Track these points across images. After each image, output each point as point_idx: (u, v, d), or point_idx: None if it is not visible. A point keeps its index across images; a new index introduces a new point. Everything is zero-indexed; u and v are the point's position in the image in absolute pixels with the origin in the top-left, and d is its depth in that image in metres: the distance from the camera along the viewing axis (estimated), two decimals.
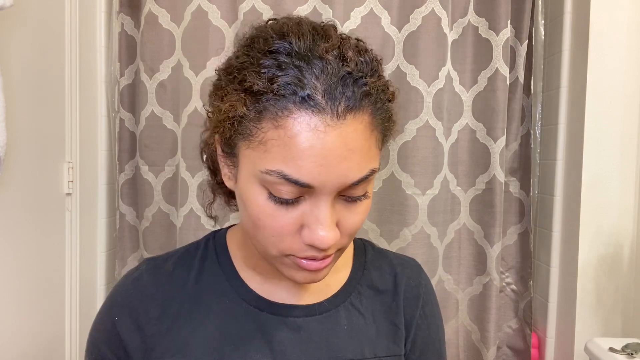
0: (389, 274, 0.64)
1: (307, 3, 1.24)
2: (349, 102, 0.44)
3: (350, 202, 0.49)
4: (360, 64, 0.47)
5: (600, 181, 1.21)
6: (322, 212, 0.46)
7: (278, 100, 0.44)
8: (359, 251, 0.65)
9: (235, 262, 0.60)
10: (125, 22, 1.36)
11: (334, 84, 0.44)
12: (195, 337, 0.55)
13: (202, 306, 0.57)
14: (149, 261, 0.62)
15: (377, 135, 0.49)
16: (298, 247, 0.48)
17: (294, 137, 0.44)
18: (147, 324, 0.56)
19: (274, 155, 0.45)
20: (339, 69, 0.45)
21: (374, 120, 0.48)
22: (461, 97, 1.32)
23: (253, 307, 0.57)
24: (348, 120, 0.45)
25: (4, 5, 0.81)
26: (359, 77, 0.46)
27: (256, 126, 0.45)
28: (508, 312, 1.41)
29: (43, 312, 1.12)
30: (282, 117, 0.44)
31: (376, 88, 0.47)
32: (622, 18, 1.19)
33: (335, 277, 0.62)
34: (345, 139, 0.44)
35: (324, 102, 0.44)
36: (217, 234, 0.64)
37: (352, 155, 0.45)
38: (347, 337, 0.58)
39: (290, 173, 0.44)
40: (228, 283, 0.58)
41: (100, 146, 1.35)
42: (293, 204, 0.47)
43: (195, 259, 0.61)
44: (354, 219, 0.50)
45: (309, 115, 0.43)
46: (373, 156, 0.49)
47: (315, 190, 0.46)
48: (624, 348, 1.03)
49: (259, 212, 0.48)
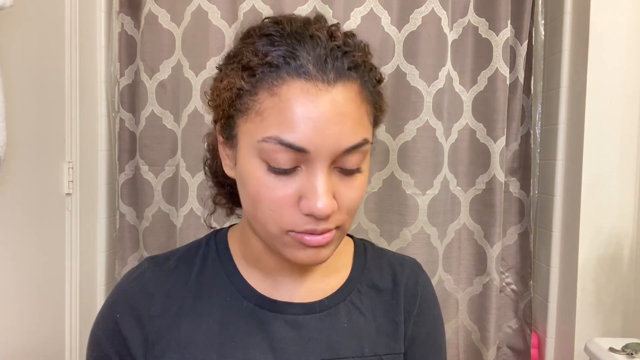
0: (388, 273, 0.65)
1: (307, 3, 1.24)
2: (338, 71, 0.48)
3: (345, 175, 0.50)
4: (347, 41, 0.51)
5: (600, 181, 1.21)
6: (318, 180, 0.48)
7: (272, 71, 0.47)
8: (359, 251, 0.66)
9: (236, 260, 0.61)
10: (125, 22, 1.36)
11: (324, 55, 0.48)
12: (196, 334, 0.56)
13: (203, 303, 0.58)
14: (150, 259, 0.62)
15: (367, 107, 0.51)
16: (297, 221, 0.49)
17: (287, 102, 0.46)
18: (148, 320, 0.57)
19: (270, 122, 0.47)
20: (328, 43, 0.49)
21: (363, 92, 0.50)
22: (461, 97, 1.32)
23: (253, 304, 0.57)
24: (338, 87, 0.48)
25: (4, 5, 0.81)
26: (347, 51, 0.49)
27: (253, 99, 0.48)
28: (508, 312, 1.41)
29: (43, 312, 1.12)
30: (277, 86, 0.47)
31: (364, 62, 0.51)
32: (622, 18, 1.19)
33: (335, 276, 0.62)
34: (337, 104, 0.47)
35: (314, 70, 0.47)
36: (218, 232, 0.64)
37: (345, 120, 0.47)
38: (347, 335, 0.58)
39: (286, 137, 0.46)
40: (229, 280, 0.59)
41: (100, 146, 1.35)
42: (290, 175, 0.48)
43: (197, 257, 0.61)
44: (351, 194, 0.51)
45: (302, 82, 0.47)
46: (365, 126, 0.50)
47: (311, 157, 0.47)
48: (624, 348, 1.03)
49: (257, 185, 0.49)
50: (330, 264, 0.62)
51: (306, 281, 0.60)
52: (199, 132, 1.25)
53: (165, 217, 1.34)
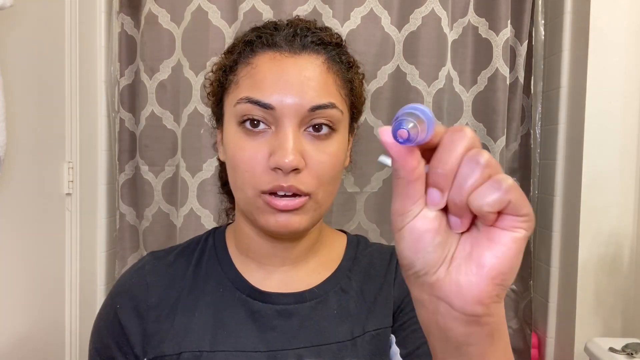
0: (379, 259, 0.66)
1: (307, 3, 1.24)
2: (304, 43, 0.55)
3: (316, 139, 0.54)
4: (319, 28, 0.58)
5: (600, 181, 1.21)
6: (285, 135, 0.52)
7: (248, 46, 0.57)
8: (351, 244, 0.67)
9: (232, 253, 0.63)
10: (125, 22, 1.36)
11: (292, 32, 0.56)
12: (191, 325, 0.58)
13: (199, 295, 0.60)
14: (151, 254, 0.65)
15: (335, 78, 0.56)
16: (267, 178, 0.53)
17: (257, 67, 0.54)
18: (146, 311, 0.59)
19: (243, 87, 0.55)
20: (299, 24, 0.57)
21: (331, 65, 0.56)
22: (461, 97, 1.32)
23: (246, 295, 0.59)
24: (303, 55, 0.55)
25: (4, 5, 0.81)
26: (315, 31, 0.57)
27: (234, 74, 0.57)
28: (508, 312, 1.41)
29: (43, 312, 1.12)
30: (250, 57, 0.56)
31: (331, 41, 0.58)
32: (622, 18, 1.19)
33: (327, 267, 0.63)
34: (300, 67, 0.54)
35: (283, 42, 0.55)
36: (217, 230, 0.67)
37: (308, 82, 0.53)
38: (337, 320, 0.59)
39: (254, 96, 0.53)
40: (224, 273, 0.61)
41: (100, 146, 1.35)
42: (260, 135, 0.54)
43: (195, 252, 0.64)
44: (321, 157, 0.54)
45: (271, 51, 0.55)
46: (331, 92, 0.55)
47: (278, 115, 0.52)
48: (624, 348, 1.03)
49: (234, 149, 0.55)
50: (321, 256, 0.64)
51: (298, 273, 0.62)
52: (199, 132, 1.25)
53: (165, 217, 1.34)
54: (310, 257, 0.63)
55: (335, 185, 0.57)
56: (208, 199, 1.25)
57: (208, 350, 0.56)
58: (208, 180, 1.25)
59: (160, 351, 0.57)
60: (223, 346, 0.56)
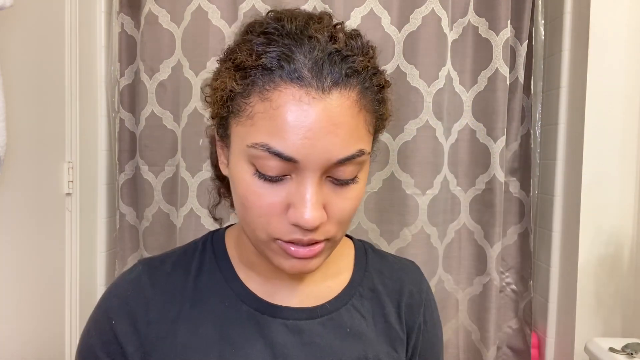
0: (389, 279, 0.64)
1: (307, 3, 1.24)
2: (335, 77, 0.45)
3: (338, 185, 0.48)
4: (350, 44, 0.47)
5: (600, 181, 1.21)
6: (307, 190, 0.46)
7: (265, 74, 0.45)
8: (359, 253, 0.65)
9: (234, 263, 0.59)
10: (125, 22, 1.36)
11: (321, 60, 0.45)
12: (194, 341, 0.54)
13: (201, 309, 0.56)
14: (145, 263, 0.60)
15: (366, 115, 0.48)
16: (284, 229, 0.48)
17: (278, 109, 0.44)
18: (145, 327, 0.55)
19: (259, 128, 0.45)
20: (328, 46, 0.46)
21: (363, 99, 0.47)
22: (461, 97, 1.32)
23: (253, 309, 0.56)
24: (334, 95, 0.45)
25: (4, 5, 0.81)
26: (347, 55, 0.46)
27: (245, 101, 0.46)
28: (508, 312, 1.41)
29: (43, 312, 1.12)
30: (269, 90, 0.45)
31: (365, 68, 0.48)
32: (622, 18, 1.19)
33: (336, 279, 0.61)
34: (330, 113, 0.44)
35: (309, 76, 0.44)
36: (214, 234, 0.62)
37: (338, 131, 0.45)
38: (349, 339, 0.57)
39: (274, 145, 0.44)
40: (227, 285, 0.57)
41: (100, 146, 1.35)
42: (279, 182, 0.47)
43: (194, 260, 0.59)
44: (343, 204, 0.49)
45: (295, 88, 0.44)
46: (361, 136, 0.48)
47: (300, 167, 0.45)
48: (624, 348, 1.03)
49: (246, 190, 0.48)
50: (330, 267, 0.60)
51: (306, 285, 0.59)
52: (199, 132, 1.25)
53: (165, 217, 1.34)
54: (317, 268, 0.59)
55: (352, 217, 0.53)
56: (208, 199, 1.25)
57: None
58: (208, 180, 1.25)
59: None
60: None
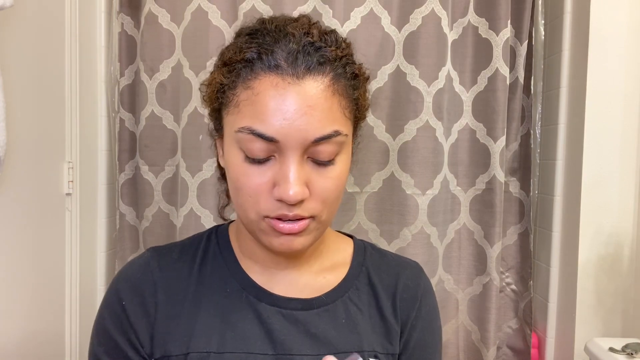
0: (387, 274, 0.65)
1: (307, 3, 1.24)
2: (309, 64, 0.51)
3: (319, 165, 0.53)
4: (324, 38, 0.54)
5: (600, 181, 1.21)
6: (289, 168, 0.51)
7: (247, 66, 0.52)
8: (358, 250, 0.66)
9: (236, 253, 0.62)
10: (125, 22, 1.36)
11: (295, 50, 0.51)
12: (197, 324, 0.57)
13: (204, 295, 0.59)
14: (153, 250, 0.64)
15: (340, 99, 0.53)
16: (271, 206, 0.52)
17: (259, 95, 0.51)
18: (153, 308, 0.58)
19: (244, 114, 0.51)
20: (302, 39, 0.52)
21: (336, 84, 0.53)
22: (461, 97, 1.32)
23: (253, 296, 0.59)
24: (307, 80, 0.51)
25: (4, 5, 0.81)
26: (320, 47, 0.53)
27: (232, 92, 0.53)
28: (508, 312, 1.41)
29: (43, 312, 1.12)
30: (251, 80, 0.52)
31: (337, 57, 0.54)
32: (622, 18, 1.19)
33: (333, 272, 0.63)
34: (304, 96, 0.50)
35: (285, 65, 0.51)
36: (219, 227, 0.66)
37: (312, 112, 0.50)
38: (345, 330, 0.59)
39: (257, 128, 0.50)
40: (229, 272, 0.60)
41: (100, 146, 1.35)
42: (265, 164, 0.52)
43: (199, 250, 0.63)
44: (324, 183, 0.53)
45: (273, 76, 0.51)
46: (336, 118, 0.52)
47: (282, 147, 0.50)
48: (624, 348, 1.03)
49: (237, 172, 0.53)
50: (327, 260, 0.63)
51: (303, 276, 0.61)
52: (199, 132, 1.25)
53: (165, 217, 1.34)
54: (313, 260, 0.63)
55: (338, 201, 0.57)
56: (208, 199, 1.25)
57: (215, 351, 0.55)
58: (208, 180, 1.25)
59: (166, 351, 0.56)
60: (231, 348, 0.56)
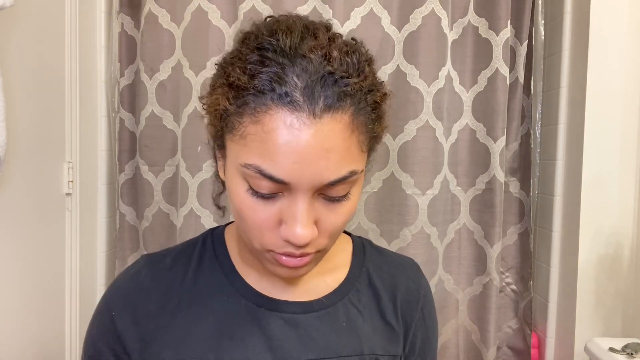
0: (387, 274, 0.64)
1: (307, 3, 1.24)
2: (328, 101, 0.44)
3: (330, 201, 0.49)
4: (344, 63, 0.46)
5: (600, 181, 1.21)
6: (298, 209, 0.47)
7: (257, 96, 0.45)
8: (357, 249, 0.65)
9: (234, 259, 0.60)
10: (125, 22, 1.36)
11: (314, 82, 0.44)
12: (193, 332, 0.56)
13: (200, 302, 0.57)
14: (146, 257, 0.62)
15: (358, 136, 0.48)
16: (276, 243, 0.49)
17: (270, 133, 0.44)
18: (145, 318, 0.56)
19: (252, 149, 0.46)
20: (321, 68, 0.45)
21: (356, 121, 0.47)
22: (461, 97, 1.32)
23: (251, 303, 0.57)
24: (325, 120, 0.44)
25: (4, 5, 0.81)
26: (341, 77, 0.46)
27: (238, 120, 0.47)
28: (508, 312, 1.41)
29: (43, 312, 1.12)
30: (260, 113, 0.45)
31: (360, 89, 0.47)
32: (622, 18, 1.19)
33: (333, 274, 0.62)
34: (322, 138, 0.44)
35: (301, 99, 0.44)
36: (214, 231, 0.64)
37: (329, 155, 0.45)
38: (345, 333, 0.58)
39: (266, 168, 0.45)
40: (226, 279, 0.59)
41: (100, 146, 1.35)
42: (271, 199, 0.48)
43: (194, 255, 0.61)
44: (334, 219, 0.50)
45: (286, 112, 0.44)
46: (353, 157, 0.48)
47: (292, 187, 0.46)
48: (624, 348, 1.03)
49: (240, 203, 0.49)
50: (327, 262, 0.61)
51: (303, 279, 0.60)
52: (199, 132, 1.25)
53: (165, 217, 1.34)
54: None
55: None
56: (208, 199, 1.25)
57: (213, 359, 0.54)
58: (208, 180, 1.25)
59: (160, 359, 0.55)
60: (229, 355, 0.54)
